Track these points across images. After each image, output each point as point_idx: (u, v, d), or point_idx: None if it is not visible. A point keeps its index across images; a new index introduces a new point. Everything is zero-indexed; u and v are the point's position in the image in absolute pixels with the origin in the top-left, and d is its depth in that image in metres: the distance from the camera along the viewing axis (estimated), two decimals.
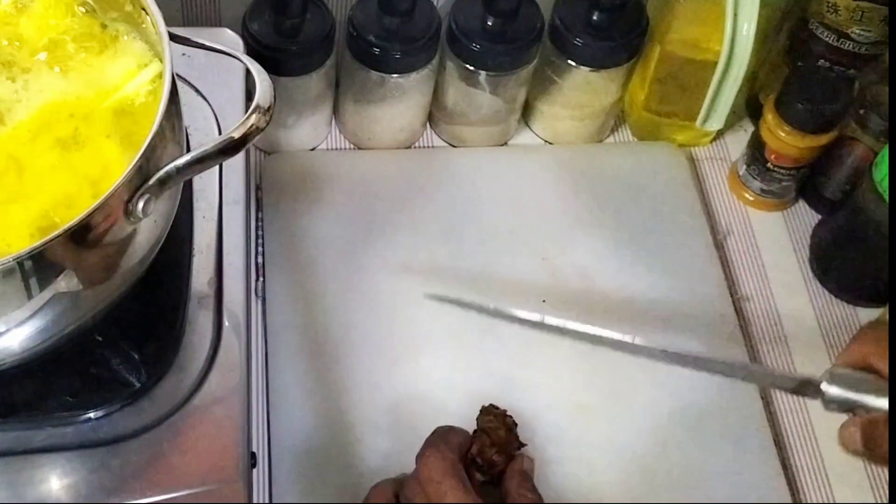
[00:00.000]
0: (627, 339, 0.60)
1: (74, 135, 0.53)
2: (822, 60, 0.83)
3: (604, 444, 0.71)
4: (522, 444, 0.66)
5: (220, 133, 0.69)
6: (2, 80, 0.55)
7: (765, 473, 0.71)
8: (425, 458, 0.61)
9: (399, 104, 0.81)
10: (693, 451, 0.71)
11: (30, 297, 0.48)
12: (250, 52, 0.74)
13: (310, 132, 0.84)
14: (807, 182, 0.86)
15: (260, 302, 0.75)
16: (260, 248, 0.77)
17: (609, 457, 0.70)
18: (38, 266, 0.46)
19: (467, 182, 0.83)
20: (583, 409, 0.73)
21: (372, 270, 0.77)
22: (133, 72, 0.56)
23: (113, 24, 0.57)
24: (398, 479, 0.64)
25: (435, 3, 0.79)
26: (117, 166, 0.52)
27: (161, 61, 0.55)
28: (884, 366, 0.56)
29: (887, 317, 0.78)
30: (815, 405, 0.76)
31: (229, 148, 0.50)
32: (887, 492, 0.72)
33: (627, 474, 0.70)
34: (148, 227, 0.52)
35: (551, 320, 0.62)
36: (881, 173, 0.75)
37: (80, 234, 0.47)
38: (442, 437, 0.63)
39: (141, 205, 0.49)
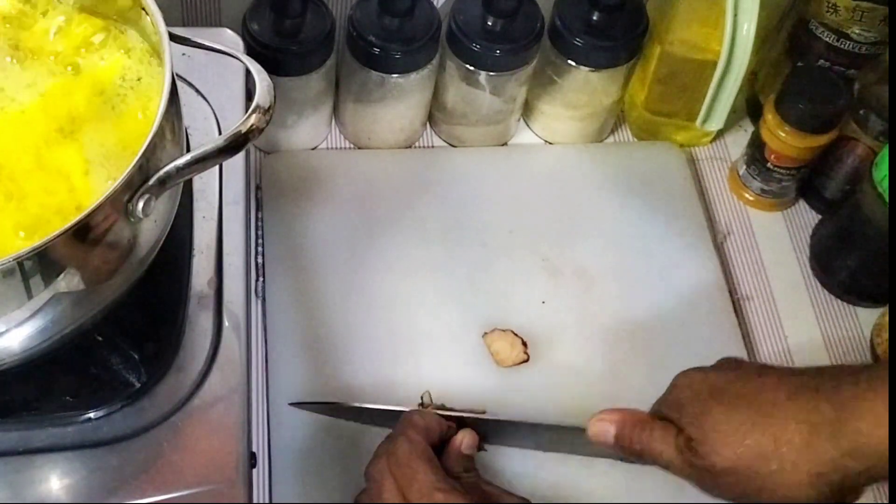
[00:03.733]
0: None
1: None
2: (822, 60, 0.83)
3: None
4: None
5: (220, 133, 0.69)
6: None
7: None
8: (395, 445, 0.60)
9: (399, 104, 0.81)
10: None
11: (30, 297, 0.48)
12: (250, 52, 0.74)
13: (310, 132, 0.84)
14: (807, 182, 0.86)
15: (260, 302, 0.75)
16: (260, 248, 0.77)
17: (606, 457, 0.70)
18: (39, 266, 0.46)
19: (467, 182, 0.83)
20: (582, 407, 0.72)
21: (372, 270, 0.77)
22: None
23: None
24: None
25: (435, 3, 0.79)
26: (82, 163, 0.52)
27: (160, 58, 0.55)
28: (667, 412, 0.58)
29: (886, 318, 0.78)
30: None
31: (229, 148, 0.50)
32: (887, 492, 0.72)
33: (625, 473, 0.70)
34: (148, 227, 0.52)
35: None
36: (881, 173, 0.75)
37: (80, 234, 0.47)
38: (410, 422, 0.62)
39: (141, 205, 0.49)
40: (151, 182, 0.49)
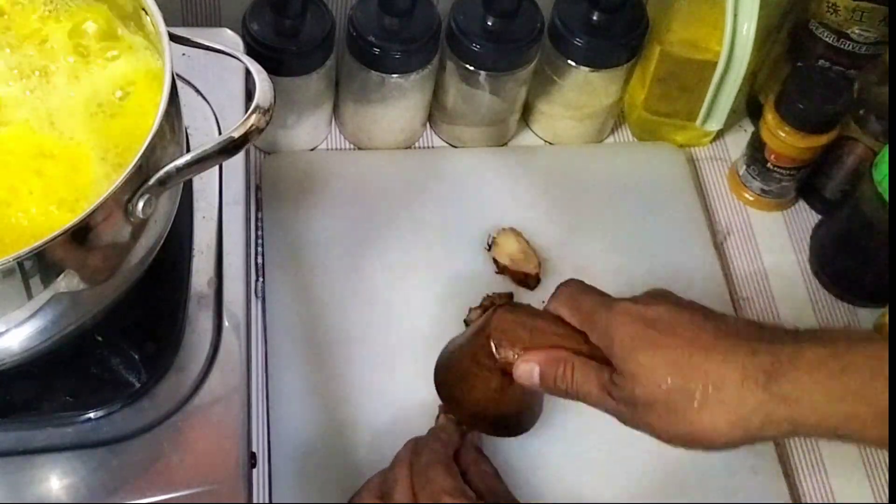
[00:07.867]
0: None
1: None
2: (822, 60, 0.83)
3: (603, 445, 0.71)
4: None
5: (220, 133, 0.69)
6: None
7: (765, 473, 0.71)
8: (420, 452, 0.61)
9: (399, 104, 0.81)
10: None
11: (30, 297, 0.48)
12: (250, 52, 0.74)
13: (310, 132, 0.84)
14: (807, 182, 0.86)
15: (260, 302, 0.75)
16: (260, 248, 0.77)
17: (608, 456, 0.70)
18: (39, 266, 0.47)
19: (467, 182, 0.83)
20: (583, 413, 0.72)
21: (372, 270, 0.77)
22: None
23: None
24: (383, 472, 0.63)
25: (435, 3, 0.79)
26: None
27: (160, 58, 0.55)
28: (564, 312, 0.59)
29: (886, 318, 0.78)
30: None
31: (229, 148, 0.50)
32: (887, 491, 0.72)
33: (625, 473, 0.70)
34: (148, 227, 0.52)
35: None
36: (881, 173, 0.75)
37: (80, 234, 0.47)
38: (436, 436, 0.63)
39: (141, 205, 0.49)
40: (151, 182, 0.49)
